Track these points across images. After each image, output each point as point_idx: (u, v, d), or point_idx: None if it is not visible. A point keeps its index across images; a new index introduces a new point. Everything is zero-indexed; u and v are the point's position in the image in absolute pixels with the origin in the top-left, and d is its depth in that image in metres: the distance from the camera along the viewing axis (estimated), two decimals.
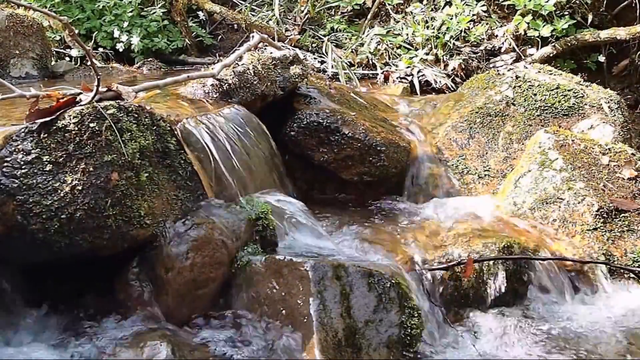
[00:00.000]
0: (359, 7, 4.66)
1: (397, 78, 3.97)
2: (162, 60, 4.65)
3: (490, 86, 3.28)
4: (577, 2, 4.00)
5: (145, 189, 1.94)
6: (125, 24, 4.62)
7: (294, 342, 1.85)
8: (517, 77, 3.22)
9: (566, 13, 3.96)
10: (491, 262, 2.26)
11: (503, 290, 2.27)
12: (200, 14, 5.08)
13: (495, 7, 4.23)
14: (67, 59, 4.32)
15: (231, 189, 2.26)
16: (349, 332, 1.89)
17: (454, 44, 4.07)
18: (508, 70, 3.33)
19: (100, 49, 4.54)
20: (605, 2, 4.05)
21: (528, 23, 3.90)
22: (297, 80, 2.86)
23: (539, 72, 3.28)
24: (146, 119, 2.00)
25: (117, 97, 2.03)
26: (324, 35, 4.43)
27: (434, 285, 2.20)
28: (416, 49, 4.12)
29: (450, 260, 2.25)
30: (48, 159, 1.78)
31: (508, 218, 2.66)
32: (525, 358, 1.99)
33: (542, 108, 3.09)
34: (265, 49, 3.11)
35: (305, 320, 1.85)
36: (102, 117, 1.86)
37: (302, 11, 4.62)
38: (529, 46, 4.03)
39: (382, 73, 4.05)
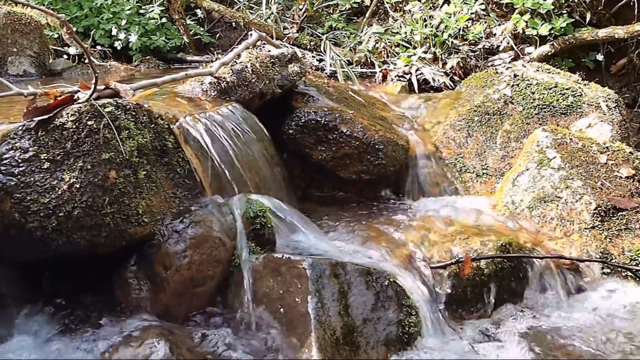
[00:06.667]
0: (357, 6, 4.66)
1: (395, 76, 3.96)
2: (160, 58, 4.64)
3: (489, 85, 3.28)
4: (576, 0, 4.00)
5: (143, 187, 1.93)
6: (123, 22, 4.61)
7: (292, 340, 1.85)
8: (515, 75, 3.22)
9: (564, 12, 3.96)
10: (489, 260, 2.26)
11: (501, 288, 2.28)
12: (199, 11, 5.08)
13: (494, 6, 4.22)
14: (65, 56, 4.31)
15: (229, 187, 2.26)
16: (347, 331, 1.89)
17: (452, 42, 4.06)
18: (506, 69, 3.33)
19: (98, 47, 4.53)
20: (603, 0, 4.06)
21: (526, 22, 3.89)
22: (295, 78, 2.86)
23: (537, 70, 3.28)
24: (144, 117, 2.00)
25: (115, 95, 2.03)
26: (322, 34, 4.42)
27: (432, 283, 2.20)
28: (414, 48, 4.12)
29: (449, 258, 2.25)
30: (46, 157, 1.78)
31: (506, 216, 2.66)
32: (523, 357, 1.99)
33: (540, 106, 3.09)
34: (263, 47, 3.11)
35: (303, 318, 1.85)
36: (100, 115, 1.86)
37: (301, 9, 4.62)
38: (527, 45, 4.02)
39: (380, 71, 4.05)
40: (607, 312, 2.25)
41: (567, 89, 3.11)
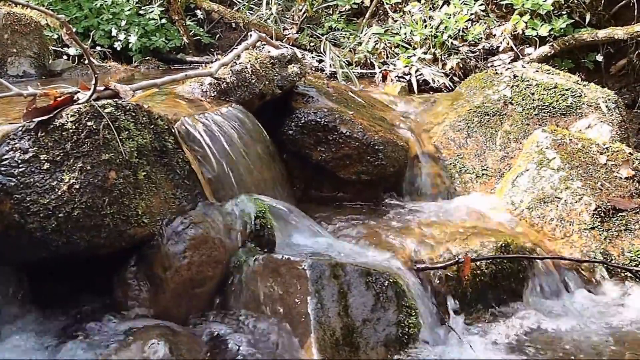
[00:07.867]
0: (357, 6, 4.66)
1: (395, 77, 3.97)
2: (160, 59, 4.65)
3: (488, 85, 3.28)
4: (575, 1, 4.01)
5: (143, 187, 1.93)
6: (123, 23, 4.61)
7: (291, 341, 1.85)
8: (515, 76, 3.22)
9: (564, 12, 3.96)
10: (489, 261, 2.26)
11: (500, 289, 2.28)
12: (198, 12, 5.08)
13: (493, 7, 4.23)
14: (65, 57, 4.31)
15: (229, 187, 2.26)
16: (346, 331, 1.89)
17: (452, 43, 4.07)
18: (506, 70, 3.33)
19: (98, 48, 4.53)
20: (603, 1, 4.06)
21: (526, 22, 3.90)
22: (295, 79, 2.86)
23: (537, 71, 3.28)
24: (144, 118, 2.00)
25: (115, 96, 2.03)
26: (322, 34, 4.43)
27: (431, 284, 2.20)
28: (414, 48, 4.12)
29: (448, 259, 2.25)
30: (45, 158, 1.78)
31: (505, 217, 2.66)
32: (522, 357, 1.99)
33: (540, 107, 3.09)
34: (263, 47, 3.11)
35: (303, 319, 1.85)
36: (100, 116, 1.86)
37: (301, 10, 4.62)
38: (527, 45, 4.03)
39: (380, 72, 4.05)
40: (607, 313, 2.25)
41: (566, 90, 3.11)
